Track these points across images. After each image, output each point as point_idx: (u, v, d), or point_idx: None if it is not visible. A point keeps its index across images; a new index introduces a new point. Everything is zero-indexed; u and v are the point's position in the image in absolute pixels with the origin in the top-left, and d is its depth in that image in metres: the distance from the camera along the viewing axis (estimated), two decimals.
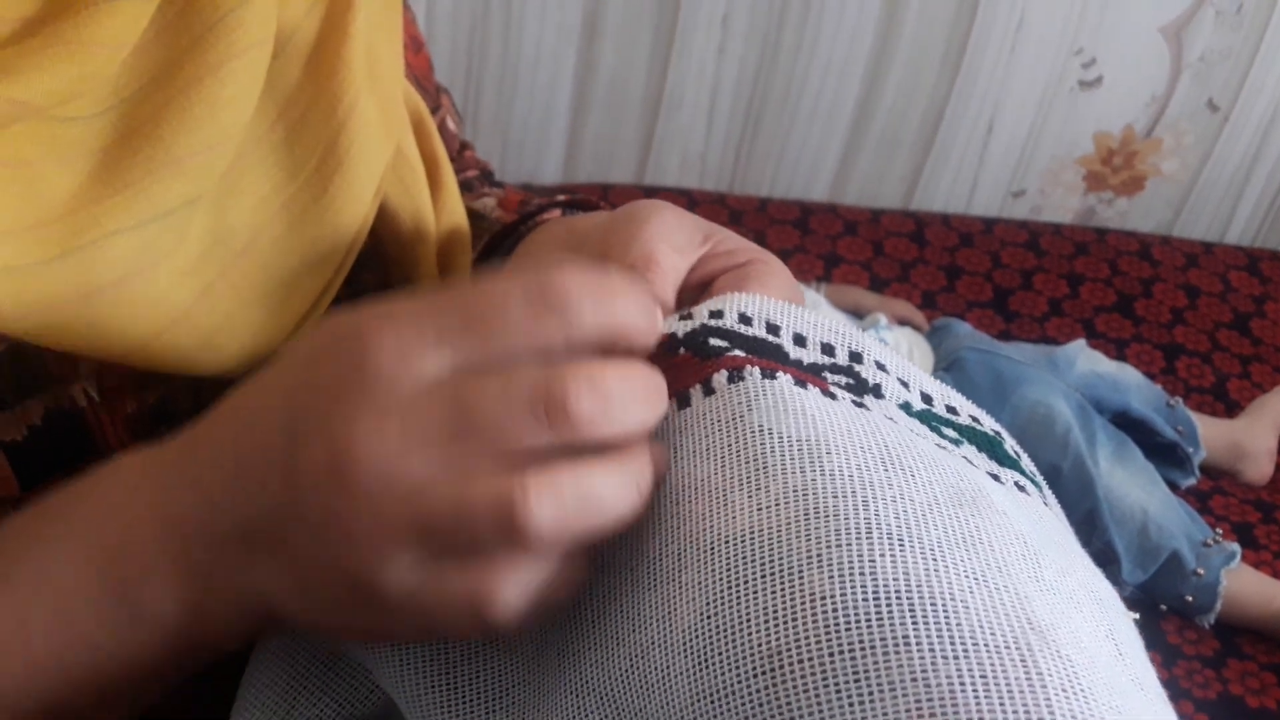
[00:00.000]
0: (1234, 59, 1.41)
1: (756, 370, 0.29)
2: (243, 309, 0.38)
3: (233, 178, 0.37)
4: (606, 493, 0.27)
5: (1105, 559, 0.95)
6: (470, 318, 0.27)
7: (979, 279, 1.32)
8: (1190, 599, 0.92)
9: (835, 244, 1.35)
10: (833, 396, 0.30)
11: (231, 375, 0.39)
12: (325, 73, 0.39)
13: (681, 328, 0.32)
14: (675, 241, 0.36)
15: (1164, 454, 1.08)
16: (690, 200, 1.39)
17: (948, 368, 1.09)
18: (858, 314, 1.20)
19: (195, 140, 0.33)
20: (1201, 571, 0.92)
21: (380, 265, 0.48)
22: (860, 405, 0.30)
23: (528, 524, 0.25)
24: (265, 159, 0.38)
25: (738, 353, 0.30)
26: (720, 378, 0.30)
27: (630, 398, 0.27)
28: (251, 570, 0.29)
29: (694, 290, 0.37)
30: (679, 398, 0.30)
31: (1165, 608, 0.94)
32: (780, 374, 0.29)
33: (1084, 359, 1.12)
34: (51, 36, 0.30)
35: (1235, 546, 0.95)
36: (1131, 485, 0.98)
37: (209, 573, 0.30)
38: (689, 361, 0.31)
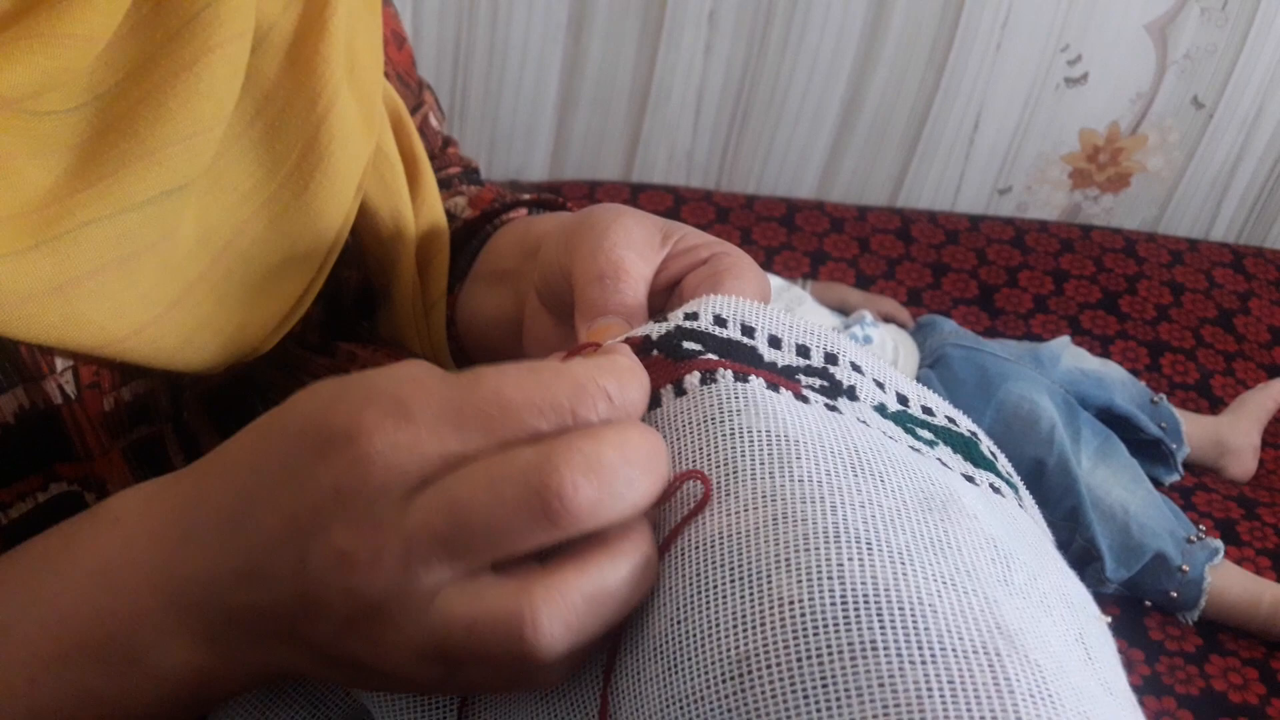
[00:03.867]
0: (1219, 56, 1.41)
1: (729, 373, 0.29)
2: (224, 307, 0.38)
3: (213, 175, 0.37)
4: (616, 587, 0.26)
5: (1088, 556, 0.95)
6: (472, 415, 0.26)
7: (965, 276, 1.32)
8: (1174, 595, 0.93)
9: (821, 241, 1.35)
10: (805, 400, 0.29)
11: (211, 372, 0.38)
12: (304, 68, 0.39)
13: (656, 330, 0.32)
14: (638, 246, 0.36)
15: (1148, 450, 1.08)
16: (677, 197, 1.39)
17: (933, 364, 1.09)
18: (843, 311, 1.20)
19: (170, 132, 0.33)
20: (1186, 568, 0.93)
21: (360, 263, 0.48)
22: (833, 409, 0.30)
23: (538, 644, 0.25)
24: (245, 156, 0.38)
25: (711, 356, 0.30)
26: (692, 379, 0.30)
27: (631, 472, 0.26)
28: (269, 648, 0.28)
29: (662, 292, 0.37)
30: (650, 397, 0.30)
31: (1149, 604, 0.95)
32: (753, 377, 0.29)
33: (1068, 355, 1.12)
34: (24, 30, 0.30)
35: (1218, 543, 0.95)
36: (1114, 483, 0.98)
37: (225, 644, 0.29)
38: (661, 362, 0.31)
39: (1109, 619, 0.30)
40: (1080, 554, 0.95)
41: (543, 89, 1.45)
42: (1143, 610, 0.94)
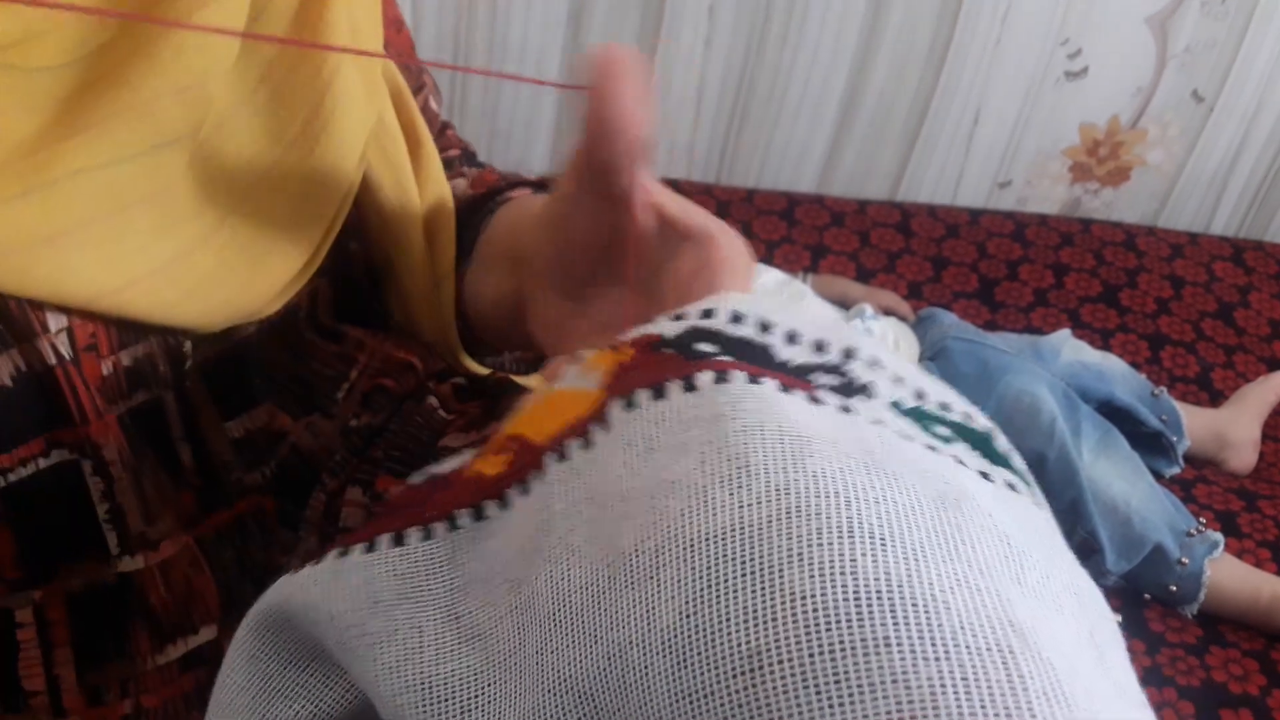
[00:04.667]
0: (1219, 50, 1.41)
1: (742, 374, 0.29)
2: (227, 268, 0.38)
3: (218, 140, 0.37)
4: None
5: (1089, 549, 0.95)
6: None
7: (965, 269, 1.32)
8: (1174, 589, 0.93)
9: (822, 235, 1.34)
10: (818, 402, 0.29)
11: (212, 329, 0.38)
12: (308, 36, 0.39)
13: (670, 329, 0.32)
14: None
15: (1148, 443, 1.08)
16: (677, 191, 1.39)
17: (933, 357, 1.09)
18: (844, 304, 1.20)
19: (161, 83, 0.33)
20: (1185, 561, 0.93)
21: (365, 235, 0.48)
22: (846, 410, 0.29)
23: None
24: (249, 122, 0.38)
25: (725, 358, 0.30)
26: (704, 377, 0.29)
27: None
28: None
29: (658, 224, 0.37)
30: (655, 389, 0.30)
31: (1149, 596, 0.95)
32: (766, 379, 0.29)
33: (1069, 348, 1.12)
34: None
35: (1218, 536, 0.95)
36: (1115, 476, 0.98)
37: None
38: (673, 359, 0.31)
39: (1118, 618, 0.30)
40: (1081, 546, 0.95)
41: None
42: (1143, 601, 0.94)
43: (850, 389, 0.31)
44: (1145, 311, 1.27)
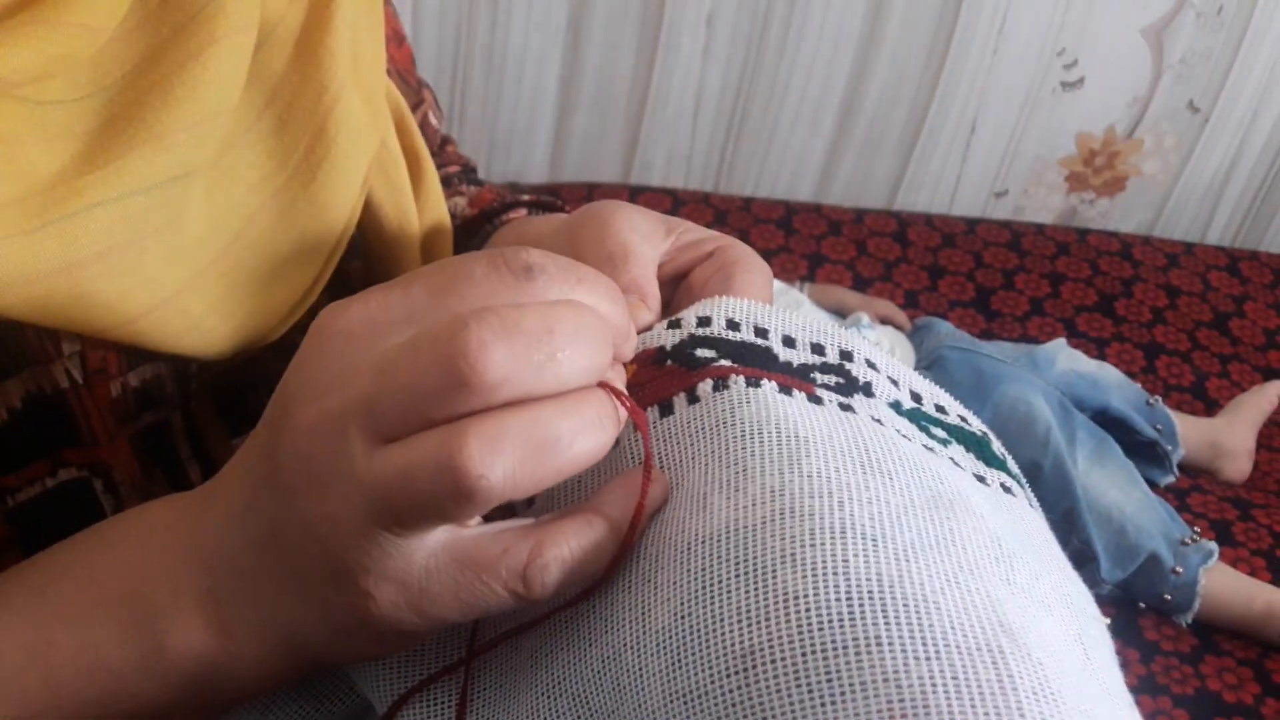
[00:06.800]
0: (1214, 60, 1.42)
1: (741, 379, 0.29)
2: (234, 294, 0.38)
3: (223, 166, 0.37)
4: (564, 433, 0.25)
5: (1084, 558, 0.95)
6: (434, 285, 0.27)
7: (961, 278, 1.32)
8: (1169, 597, 0.93)
9: (819, 243, 1.35)
10: (818, 401, 0.30)
11: (220, 358, 0.39)
12: (310, 62, 0.39)
13: (670, 338, 0.32)
14: (643, 232, 0.37)
15: (1143, 452, 1.08)
16: (675, 199, 1.39)
17: (929, 366, 1.09)
18: (841, 313, 1.20)
19: (176, 117, 0.34)
20: (1180, 570, 0.93)
21: (366, 255, 0.49)
22: (847, 408, 0.30)
23: (470, 473, 0.24)
24: (254, 147, 0.39)
25: (724, 362, 0.31)
26: (705, 386, 0.30)
27: (555, 340, 0.25)
28: (269, 591, 0.29)
29: (668, 284, 0.37)
30: (662, 406, 0.31)
31: (1144, 605, 0.95)
32: (765, 381, 0.30)
33: (1064, 357, 1.13)
34: (31, 16, 0.30)
35: (1213, 545, 0.96)
36: (1110, 485, 0.98)
37: (231, 600, 0.30)
38: (676, 371, 0.31)
39: (1107, 620, 0.31)
40: (1076, 555, 0.95)
41: (541, 91, 1.45)
42: (1138, 610, 0.94)
43: (851, 387, 0.31)
44: (1141, 321, 1.27)
